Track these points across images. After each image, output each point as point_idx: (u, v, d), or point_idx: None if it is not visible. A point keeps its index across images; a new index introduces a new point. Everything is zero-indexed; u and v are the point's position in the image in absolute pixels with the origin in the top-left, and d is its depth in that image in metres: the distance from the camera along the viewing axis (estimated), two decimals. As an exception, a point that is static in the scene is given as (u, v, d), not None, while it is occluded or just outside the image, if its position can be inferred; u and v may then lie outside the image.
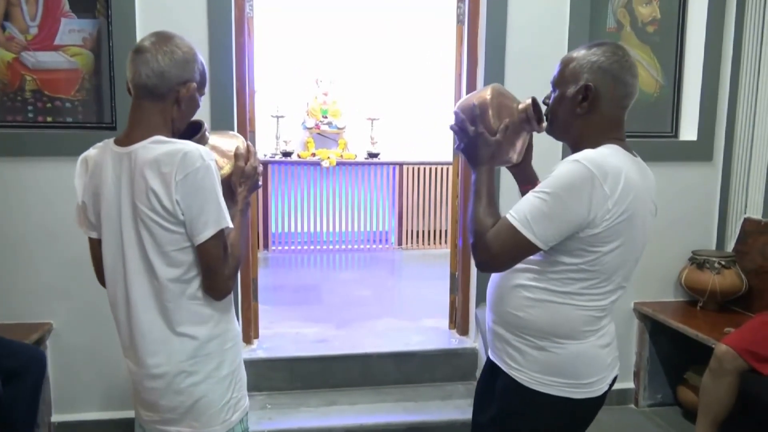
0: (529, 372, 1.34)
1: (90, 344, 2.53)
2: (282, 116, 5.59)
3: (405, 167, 5.66)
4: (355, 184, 5.67)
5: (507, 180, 2.06)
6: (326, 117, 5.77)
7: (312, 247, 5.67)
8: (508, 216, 1.26)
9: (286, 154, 5.54)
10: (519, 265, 1.33)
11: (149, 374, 1.36)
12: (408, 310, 3.57)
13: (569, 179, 1.21)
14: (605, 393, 1.38)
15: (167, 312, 1.33)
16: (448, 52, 4.19)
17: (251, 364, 2.57)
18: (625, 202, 1.22)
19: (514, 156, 1.44)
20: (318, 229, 5.68)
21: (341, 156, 5.63)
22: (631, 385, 2.96)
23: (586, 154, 1.23)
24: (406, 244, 5.80)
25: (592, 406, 1.37)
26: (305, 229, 5.66)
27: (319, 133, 5.79)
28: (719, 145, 2.89)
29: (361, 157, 5.72)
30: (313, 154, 5.62)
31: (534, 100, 1.39)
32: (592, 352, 1.33)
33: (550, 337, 1.31)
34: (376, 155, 5.68)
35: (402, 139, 5.89)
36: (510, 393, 1.37)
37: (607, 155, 1.25)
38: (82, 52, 2.48)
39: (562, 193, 1.21)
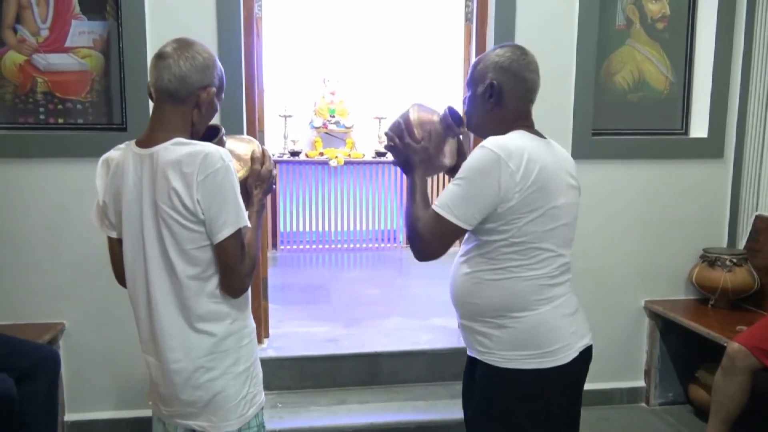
0: (497, 352, 1.43)
1: (102, 344, 2.55)
2: (290, 116, 5.60)
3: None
4: (363, 184, 5.68)
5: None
6: (334, 116, 5.77)
7: (320, 247, 5.68)
8: (433, 206, 1.41)
9: (294, 153, 5.55)
10: (461, 257, 1.50)
11: (168, 369, 1.40)
12: (416, 309, 3.56)
13: (478, 163, 1.36)
14: (576, 361, 1.44)
15: (186, 309, 1.37)
16: (455, 51, 4.19)
17: (261, 364, 2.56)
18: (531, 175, 1.35)
19: (446, 160, 1.60)
20: (326, 228, 5.69)
21: (349, 155, 5.63)
22: (641, 383, 2.95)
23: (491, 140, 1.38)
24: (414, 242, 5.78)
25: (565, 374, 1.43)
26: (313, 229, 5.67)
27: (326, 133, 5.80)
28: (730, 142, 2.87)
29: (369, 156, 5.72)
30: (321, 154, 5.62)
31: (449, 108, 1.57)
32: (549, 321, 1.42)
33: (506, 314, 1.42)
34: (383, 154, 5.67)
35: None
36: (487, 378, 1.47)
37: (510, 138, 1.40)
38: (93, 54, 2.50)
39: (474, 175, 1.36)
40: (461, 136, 1.64)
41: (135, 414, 2.57)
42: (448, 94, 5.49)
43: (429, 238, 1.41)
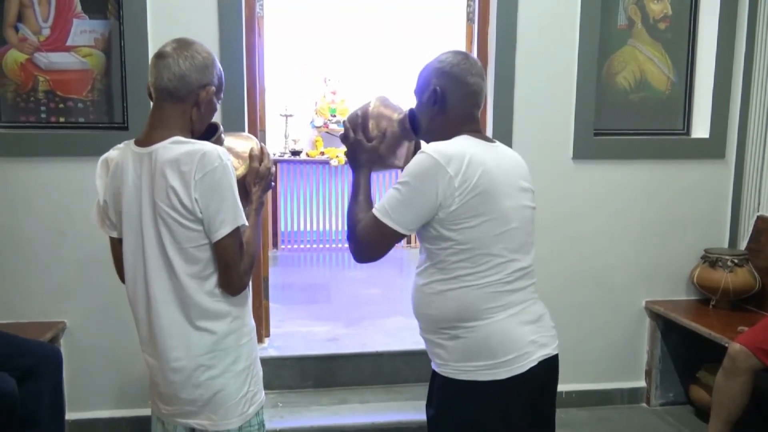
0: (451, 364, 1.41)
1: (104, 342, 2.55)
2: (291, 115, 5.60)
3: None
4: (364, 183, 5.67)
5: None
6: (335, 116, 5.76)
7: (321, 246, 5.68)
8: (373, 210, 1.41)
9: (295, 152, 5.55)
10: (417, 269, 1.47)
11: (169, 368, 1.40)
12: (418, 308, 3.56)
13: (417, 168, 1.35)
14: (537, 371, 1.38)
15: (186, 307, 1.38)
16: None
17: (262, 363, 2.54)
18: (473, 178, 1.33)
19: (397, 162, 1.59)
20: (327, 227, 5.69)
21: (350, 155, 5.63)
22: (642, 383, 2.95)
23: (432, 145, 1.38)
24: (415, 242, 5.79)
25: (522, 384, 1.37)
26: (314, 228, 5.68)
27: (327, 132, 5.79)
28: (732, 142, 2.87)
29: (370, 156, 5.71)
30: (322, 153, 5.62)
31: (410, 111, 1.54)
32: (503, 329, 1.38)
33: (459, 324, 1.39)
34: (384, 154, 5.67)
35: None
36: (443, 390, 1.44)
37: (452, 143, 1.39)
38: (94, 53, 2.50)
39: (412, 180, 1.35)
40: (421, 141, 1.60)
41: (136, 413, 2.57)
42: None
43: (366, 240, 1.42)
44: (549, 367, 1.44)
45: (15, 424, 1.91)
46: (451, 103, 1.46)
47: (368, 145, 1.54)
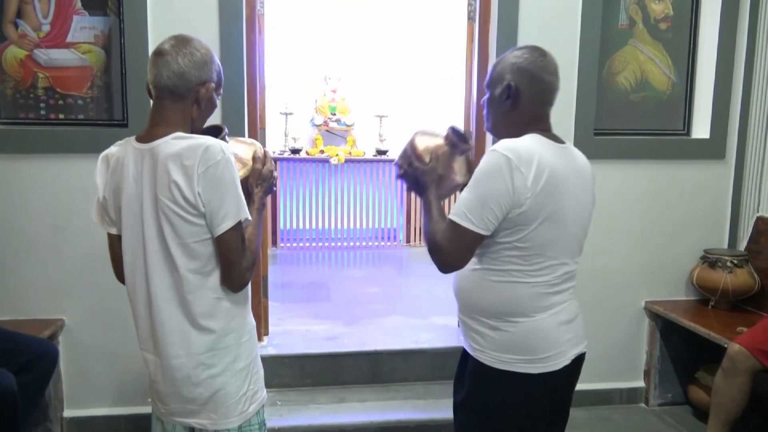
0: (489, 352, 1.44)
1: (102, 340, 2.55)
2: (290, 113, 5.59)
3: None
4: (364, 182, 5.67)
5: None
6: (335, 114, 5.76)
7: (320, 244, 5.68)
8: (449, 216, 1.39)
9: (295, 151, 5.54)
10: None
11: (168, 365, 1.39)
12: (417, 307, 3.56)
13: (488, 167, 1.34)
14: (568, 367, 1.44)
15: (187, 304, 1.37)
16: (458, 49, 4.18)
17: (262, 361, 2.56)
18: (541, 179, 1.33)
19: (458, 178, 1.61)
20: (326, 226, 5.68)
21: (350, 153, 5.63)
22: (641, 384, 2.95)
23: (501, 143, 1.36)
24: (415, 241, 5.79)
25: (553, 380, 1.43)
26: (313, 226, 5.67)
27: (327, 130, 5.79)
28: (732, 143, 2.87)
29: (370, 155, 5.71)
30: (322, 151, 5.62)
31: (452, 128, 1.59)
32: (545, 328, 1.41)
33: (503, 317, 1.41)
34: (384, 152, 5.67)
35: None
36: (476, 374, 1.48)
37: (522, 142, 1.37)
38: (94, 50, 2.49)
39: (485, 180, 1.34)
40: (470, 153, 1.64)
41: (134, 410, 2.57)
42: (450, 92, 5.51)
43: (448, 248, 1.39)
44: (578, 364, 1.49)
45: (16, 420, 1.91)
46: (524, 99, 1.44)
47: (426, 167, 1.54)
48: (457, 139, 1.57)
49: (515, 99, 1.44)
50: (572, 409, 2.93)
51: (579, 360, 1.49)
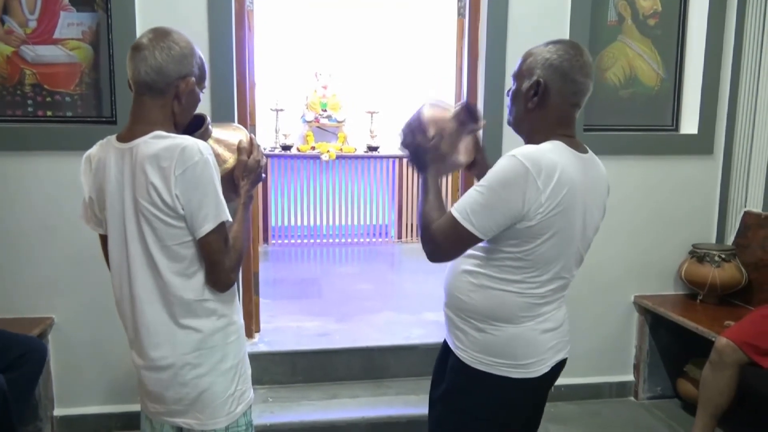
0: (471, 352, 1.42)
1: (92, 338, 2.53)
2: (281, 110, 5.57)
3: (405, 161, 5.63)
4: (355, 178, 5.67)
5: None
6: (326, 110, 5.75)
7: (312, 241, 5.67)
8: (451, 210, 1.34)
9: (286, 147, 5.53)
10: (468, 252, 1.41)
11: (154, 366, 1.38)
12: (408, 303, 3.57)
13: (505, 174, 1.27)
14: (547, 374, 1.43)
15: (171, 305, 1.35)
16: (448, 44, 4.18)
17: (252, 358, 2.54)
18: (558, 196, 1.27)
19: (460, 157, 1.54)
20: (318, 222, 5.68)
21: (341, 149, 5.62)
22: (630, 377, 2.98)
23: (524, 149, 1.29)
24: (406, 237, 5.80)
25: (532, 385, 1.43)
26: (305, 223, 5.67)
27: (318, 127, 5.78)
28: (720, 138, 2.89)
29: (361, 151, 5.70)
30: (313, 148, 5.61)
31: (465, 104, 1.49)
32: (529, 336, 1.40)
33: (489, 320, 1.40)
34: (375, 149, 5.67)
35: (401, 133, 5.87)
36: (456, 371, 1.47)
37: (546, 150, 1.30)
38: (82, 46, 2.47)
39: (498, 187, 1.27)
40: (479, 132, 1.56)
41: (124, 408, 2.57)
42: (441, 88, 5.50)
43: (441, 242, 1.36)
44: (557, 370, 1.48)
45: (9, 417, 1.90)
46: (552, 99, 1.36)
47: (429, 145, 1.45)
48: (466, 118, 1.47)
49: (543, 97, 1.36)
50: (562, 403, 2.98)
51: (559, 366, 1.48)
